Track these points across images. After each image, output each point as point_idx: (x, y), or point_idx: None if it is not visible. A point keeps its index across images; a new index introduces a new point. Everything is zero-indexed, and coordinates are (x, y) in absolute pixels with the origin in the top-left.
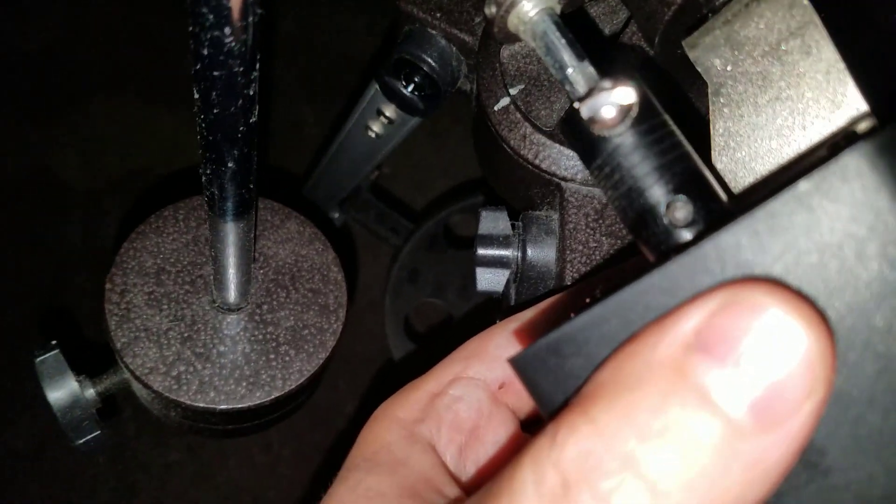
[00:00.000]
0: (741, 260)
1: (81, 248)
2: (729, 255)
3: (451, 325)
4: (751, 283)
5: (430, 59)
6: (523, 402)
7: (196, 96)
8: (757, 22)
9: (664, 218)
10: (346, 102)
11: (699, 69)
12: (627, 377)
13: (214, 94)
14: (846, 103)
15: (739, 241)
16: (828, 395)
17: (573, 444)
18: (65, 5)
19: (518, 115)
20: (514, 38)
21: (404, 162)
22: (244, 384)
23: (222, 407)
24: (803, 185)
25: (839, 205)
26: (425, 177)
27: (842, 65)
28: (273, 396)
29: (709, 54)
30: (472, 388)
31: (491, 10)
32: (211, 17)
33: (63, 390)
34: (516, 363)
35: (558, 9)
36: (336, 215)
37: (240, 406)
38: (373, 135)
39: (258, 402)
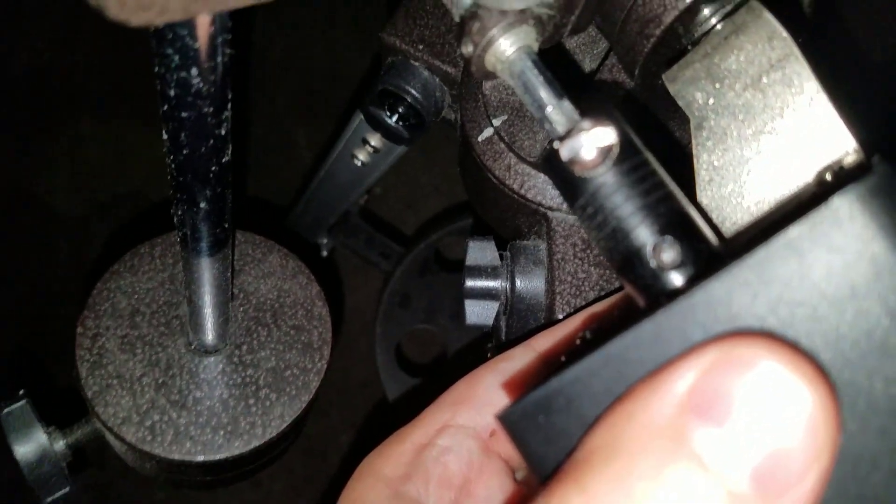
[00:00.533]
0: (733, 311)
1: (67, 277)
2: (720, 306)
3: (444, 354)
4: (746, 338)
5: (413, 91)
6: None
7: (164, 136)
8: (737, 55)
9: (651, 260)
10: (338, 124)
11: (680, 103)
12: (620, 442)
13: (183, 134)
14: (831, 134)
15: (731, 291)
16: (833, 459)
17: None
18: (56, 25)
19: (502, 146)
20: (492, 75)
21: (395, 181)
22: (222, 433)
23: (199, 458)
24: (794, 231)
25: (833, 252)
26: (417, 195)
27: (824, 96)
28: (252, 446)
29: (689, 88)
30: (462, 437)
31: (468, 49)
32: (177, 58)
33: (31, 444)
34: (504, 420)
35: (536, 46)
36: (324, 241)
37: (217, 457)
38: (359, 163)
39: (237, 452)
